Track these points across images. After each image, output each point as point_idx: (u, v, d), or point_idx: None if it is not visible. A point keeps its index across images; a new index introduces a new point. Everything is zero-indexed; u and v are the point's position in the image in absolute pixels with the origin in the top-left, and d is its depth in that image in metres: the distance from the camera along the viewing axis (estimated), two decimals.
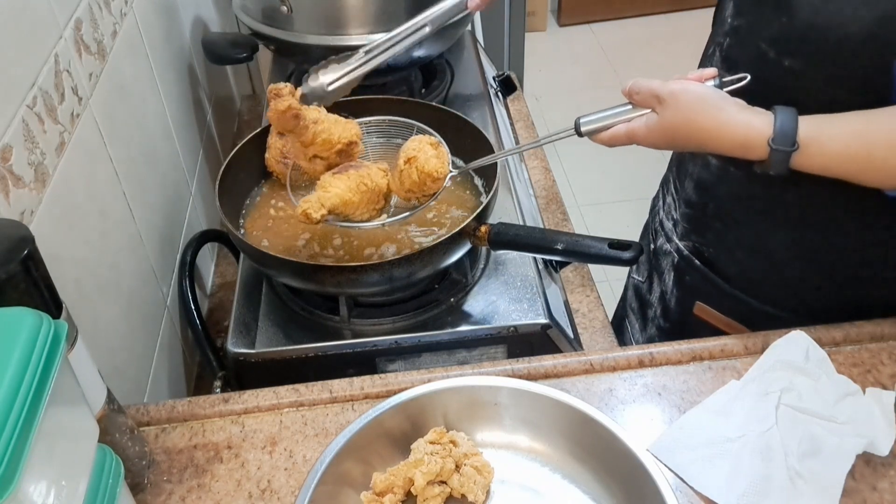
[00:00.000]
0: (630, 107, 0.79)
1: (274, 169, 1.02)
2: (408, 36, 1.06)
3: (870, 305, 0.84)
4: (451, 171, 0.89)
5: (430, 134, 0.93)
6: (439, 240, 0.87)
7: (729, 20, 0.82)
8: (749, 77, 0.78)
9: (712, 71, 0.78)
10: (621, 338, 1.21)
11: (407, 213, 0.89)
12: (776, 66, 0.76)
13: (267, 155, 1.02)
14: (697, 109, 0.74)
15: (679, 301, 1.02)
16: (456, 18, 1.07)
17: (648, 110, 0.77)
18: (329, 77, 1.04)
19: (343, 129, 0.92)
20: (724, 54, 0.83)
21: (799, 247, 0.85)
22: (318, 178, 0.89)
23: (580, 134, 0.81)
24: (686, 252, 0.98)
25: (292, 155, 0.93)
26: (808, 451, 0.68)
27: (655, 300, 1.08)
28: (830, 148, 0.70)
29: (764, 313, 0.91)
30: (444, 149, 0.89)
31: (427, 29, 1.07)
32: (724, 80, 0.77)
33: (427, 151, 0.86)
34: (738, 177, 0.86)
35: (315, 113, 0.90)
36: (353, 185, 0.85)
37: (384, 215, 0.90)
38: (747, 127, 0.72)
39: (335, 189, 0.84)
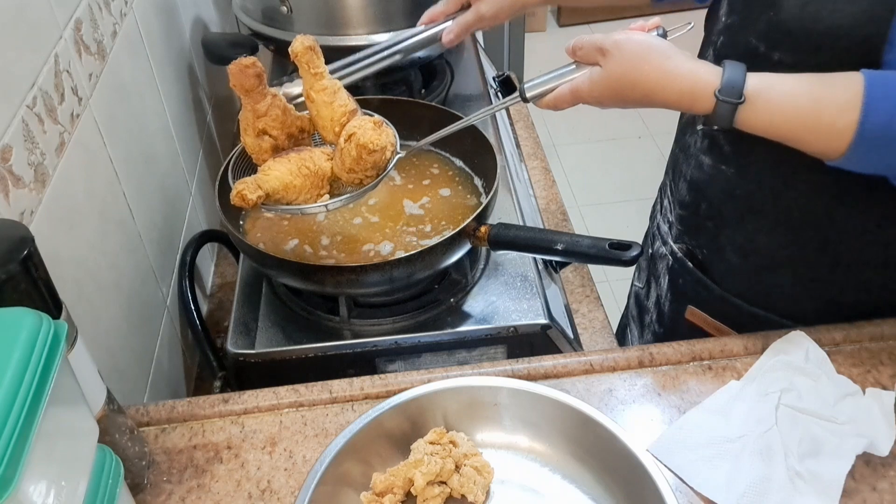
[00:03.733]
0: (574, 67, 0.78)
1: (250, 149, 0.90)
2: (378, 61, 1.05)
3: (862, 312, 0.84)
4: (398, 153, 0.85)
5: (375, 116, 0.88)
6: (439, 240, 0.87)
7: (723, 18, 0.82)
8: (692, 24, 0.77)
9: (656, 21, 0.77)
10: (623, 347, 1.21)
11: (351, 194, 0.84)
12: (766, 59, 0.76)
13: (243, 137, 0.90)
14: (643, 57, 0.72)
15: (672, 305, 1.01)
16: (427, 52, 1.06)
17: (592, 66, 0.76)
18: (295, 90, 1.01)
19: (298, 116, 0.87)
20: (716, 52, 0.83)
21: (789, 249, 0.85)
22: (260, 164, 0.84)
23: (525, 100, 0.80)
24: (680, 255, 0.98)
25: (241, 127, 0.85)
26: (808, 452, 0.68)
27: (652, 305, 1.08)
28: (778, 104, 0.69)
29: (754, 317, 0.91)
30: (389, 129, 0.85)
31: (398, 56, 1.05)
32: (669, 29, 0.76)
33: (366, 126, 0.82)
34: (729, 175, 0.86)
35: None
36: (294, 168, 0.82)
37: (326, 196, 0.85)
38: (694, 76, 0.71)
39: (274, 172, 0.81)
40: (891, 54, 0.67)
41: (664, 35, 0.77)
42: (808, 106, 0.68)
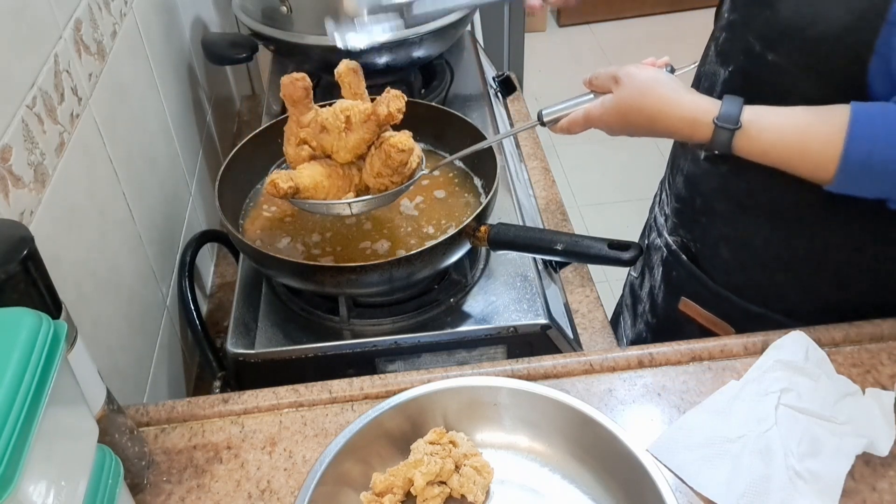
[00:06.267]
0: (590, 96, 0.84)
1: (290, 158, 0.92)
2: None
3: (853, 312, 0.85)
4: (423, 169, 0.90)
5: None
6: (439, 240, 0.87)
7: (725, 15, 0.84)
8: (697, 63, 0.86)
9: (665, 59, 0.84)
10: (616, 335, 1.22)
11: (374, 196, 0.88)
12: (761, 59, 0.78)
13: (285, 147, 0.93)
14: (651, 86, 0.79)
15: (665, 296, 1.03)
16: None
17: (605, 94, 0.82)
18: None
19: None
20: (718, 49, 0.85)
21: (780, 247, 0.86)
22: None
23: (542, 123, 0.87)
24: (674, 247, 0.99)
25: (285, 137, 0.91)
26: (807, 452, 0.68)
27: (645, 296, 1.09)
28: (770, 133, 0.74)
29: (746, 311, 0.92)
30: (416, 146, 0.89)
31: None
32: (676, 67, 0.84)
33: (396, 133, 0.86)
34: (723, 172, 0.88)
35: (328, 113, 0.87)
36: (325, 171, 0.87)
37: (352, 193, 0.89)
38: (695, 106, 0.77)
39: (307, 171, 0.86)
40: (876, 64, 0.69)
41: (672, 71, 0.84)
42: (796, 137, 0.73)
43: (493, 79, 1.49)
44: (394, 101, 0.84)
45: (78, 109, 0.79)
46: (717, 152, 0.76)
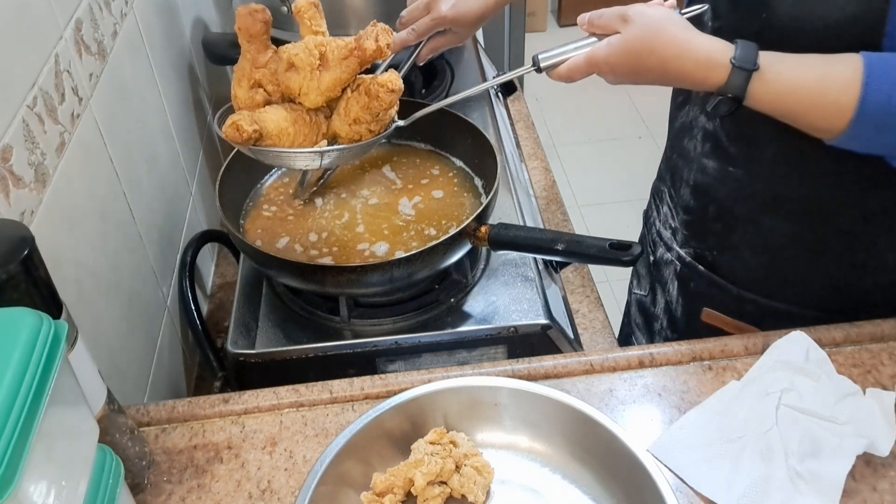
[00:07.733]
0: (592, 40, 0.78)
1: (240, 102, 0.83)
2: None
3: (884, 296, 0.85)
4: (396, 121, 0.84)
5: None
6: (439, 240, 0.87)
7: (709, 24, 0.81)
8: (707, 6, 0.80)
9: (672, 1, 0.79)
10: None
11: (348, 146, 0.82)
12: None
13: (234, 88, 0.84)
14: (664, 25, 0.74)
15: (685, 309, 1.01)
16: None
17: (610, 36, 0.76)
18: None
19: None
20: None
21: (805, 238, 0.86)
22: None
23: (539, 70, 0.80)
24: (689, 259, 0.98)
25: (235, 78, 0.80)
26: (808, 452, 0.68)
27: (661, 312, 1.08)
28: (787, 77, 0.71)
29: (772, 310, 0.91)
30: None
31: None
32: (684, 10, 0.79)
33: (378, 74, 0.79)
34: (737, 175, 0.87)
35: (298, 48, 0.77)
36: (290, 116, 0.78)
37: (324, 142, 0.81)
38: (710, 47, 0.73)
39: (270, 115, 0.77)
40: (889, 45, 0.68)
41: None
42: (813, 81, 0.70)
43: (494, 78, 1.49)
44: (382, 34, 0.75)
45: (78, 109, 0.79)
46: (730, 95, 0.72)
